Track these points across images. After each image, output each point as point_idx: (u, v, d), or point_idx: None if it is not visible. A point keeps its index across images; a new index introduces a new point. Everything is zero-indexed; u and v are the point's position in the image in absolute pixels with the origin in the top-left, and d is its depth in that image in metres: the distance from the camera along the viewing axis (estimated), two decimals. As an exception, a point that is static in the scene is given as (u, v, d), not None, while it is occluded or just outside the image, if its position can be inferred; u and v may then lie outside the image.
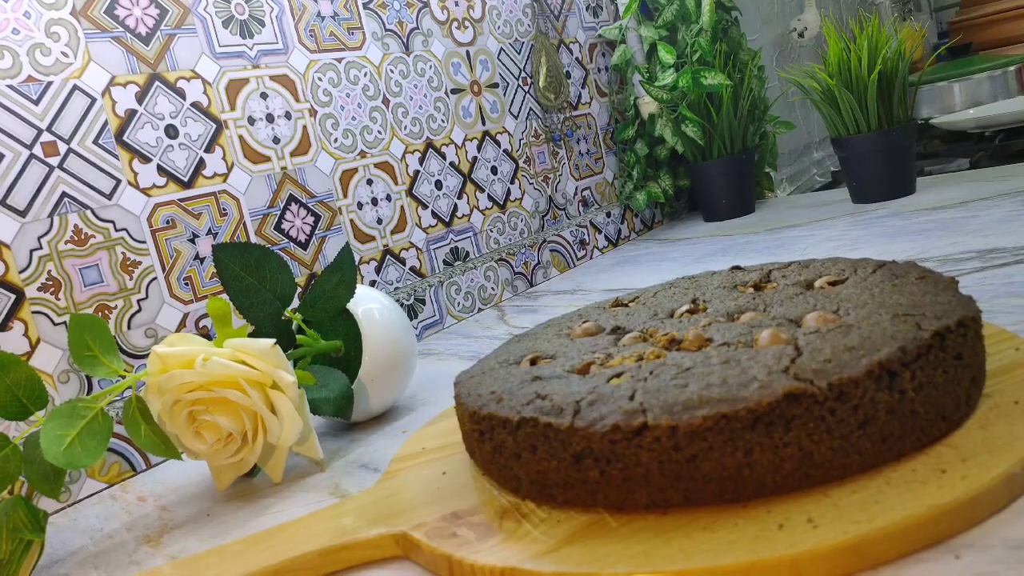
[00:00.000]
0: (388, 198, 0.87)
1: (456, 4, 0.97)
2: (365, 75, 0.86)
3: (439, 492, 0.41)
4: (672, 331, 0.43)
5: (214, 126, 0.72)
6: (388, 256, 0.86)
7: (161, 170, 0.68)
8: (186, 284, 0.69)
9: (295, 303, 0.71)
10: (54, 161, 0.62)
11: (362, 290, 0.61)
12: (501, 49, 1.02)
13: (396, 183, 0.88)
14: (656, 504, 0.34)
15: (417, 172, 0.90)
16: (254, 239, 0.74)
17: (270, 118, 0.77)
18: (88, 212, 0.63)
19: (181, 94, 0.70)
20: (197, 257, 0.70)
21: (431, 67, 0.93)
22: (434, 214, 0.91)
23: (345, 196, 0.82)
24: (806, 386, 0.32)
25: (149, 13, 0.69)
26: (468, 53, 0.98)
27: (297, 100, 0.79)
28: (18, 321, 0.59)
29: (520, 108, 1.04)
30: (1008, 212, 0.77)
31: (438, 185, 0.92)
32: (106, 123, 0.65)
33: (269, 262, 0.57)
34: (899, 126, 0.98)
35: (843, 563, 0.28)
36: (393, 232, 0.87)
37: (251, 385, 0.49)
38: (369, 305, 0.60)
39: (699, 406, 0.33)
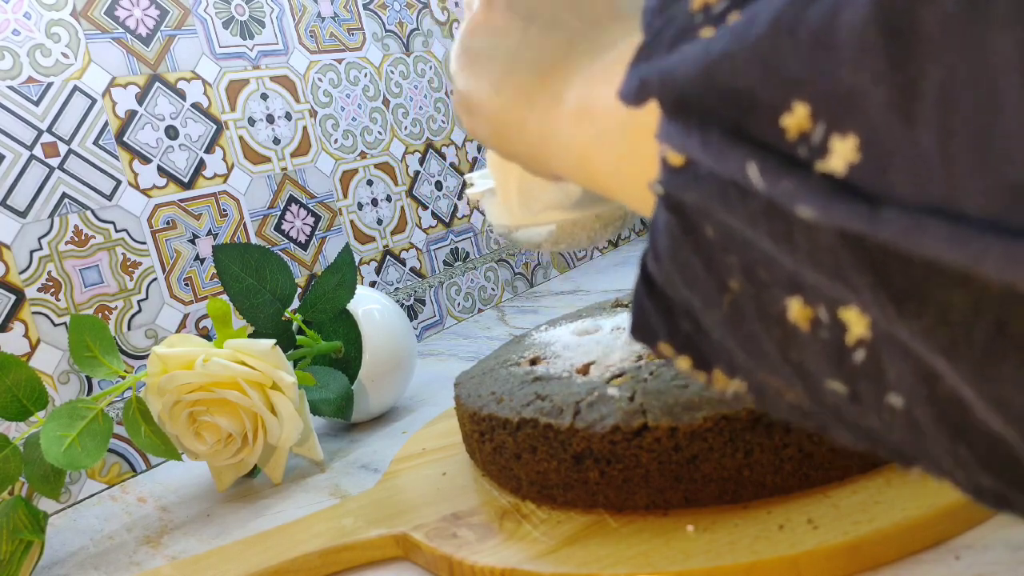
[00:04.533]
0: (388, 199, 0.87)
1: (456, 5, 0.97)
2: (365, 76, 0.86)
3: (439, 493, 0.41)
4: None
5: (214, 127, 0.72)
6: (388, 257, 0.86)
7: (161, 171, 0.68)
8: (186, 285, 0.69)
9: (295, 304, 0.71)
10: (54, 162, 0.62)
11: (362, 291, 0.61)
12: (501, 50, 1.02)
13: (396, 184, 0.88)
14: (656, 505, 0.34)
15: (417, 173, 0.90)
16: (254, 240, 0.74)
17: (270, 119, 0.77)
18: (88, 213, 0.63)
19: (181, 95, 0.70)
20: (197, 258, 0.70)
21: (431, 68, 0.93)
22: (434, 215, 0.91)
23: (345, 197, 0.82)
24: (806, 387, 0.32)
25: (149, 14, 0.69)
26: (468, 54, 0.98)
27: (297, 101, 0.79)
28: (18, 322, 0.59)
29: (520, 109, 1.04)
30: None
31: (438, 186, 0.92)
32: (106, 124, 0.65)
33: (269, 263, 0.57)
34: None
35: (843, 564, 0.28)
36: (393, 233, 0.87)
37: (251, 386, 0.49)
38: (369, 306, 0.60)
39: (699, 407, 0.33)
